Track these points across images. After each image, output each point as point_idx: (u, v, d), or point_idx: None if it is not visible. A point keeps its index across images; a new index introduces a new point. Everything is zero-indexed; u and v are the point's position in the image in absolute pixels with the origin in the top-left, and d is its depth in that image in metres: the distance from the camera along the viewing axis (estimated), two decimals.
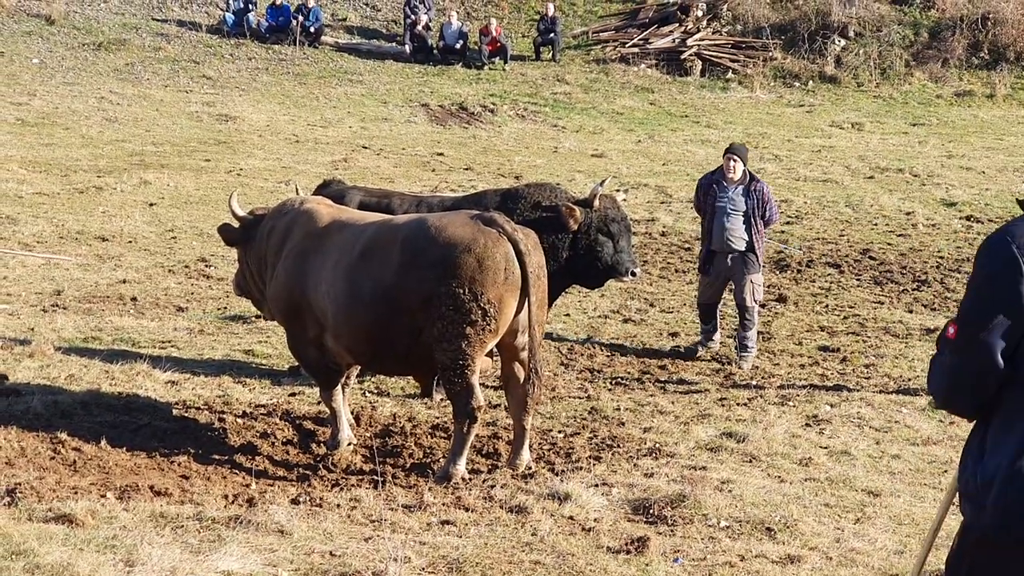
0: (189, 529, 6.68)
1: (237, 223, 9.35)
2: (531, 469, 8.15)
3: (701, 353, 11.50)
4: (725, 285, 11.60)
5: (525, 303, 7.89)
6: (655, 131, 26.07)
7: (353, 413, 9.22)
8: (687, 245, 16.19)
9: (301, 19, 30.56)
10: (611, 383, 10.60)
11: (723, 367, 11.19)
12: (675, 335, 12.19)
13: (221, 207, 15.76)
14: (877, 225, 17.78)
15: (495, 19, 31.25)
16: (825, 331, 12.46)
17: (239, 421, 9.10)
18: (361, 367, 8.92)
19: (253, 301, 9.82)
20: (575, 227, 9.92)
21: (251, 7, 31.07)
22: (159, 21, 31.24)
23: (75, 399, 9.21)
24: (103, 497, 7.24)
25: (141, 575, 5.93)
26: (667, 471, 8.05)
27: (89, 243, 15.41)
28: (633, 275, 10.38)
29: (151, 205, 17.79)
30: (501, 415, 9.31)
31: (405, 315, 7.91)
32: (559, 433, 9.09)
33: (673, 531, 7.00)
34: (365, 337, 8.14)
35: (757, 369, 11.11)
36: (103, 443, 8.30)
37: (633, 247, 10.55)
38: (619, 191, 12.25)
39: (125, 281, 13.67)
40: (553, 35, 30.67)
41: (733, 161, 11.35)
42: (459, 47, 30.45)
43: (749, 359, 11.23)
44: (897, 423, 9.44)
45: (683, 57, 30.48)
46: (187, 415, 9.19)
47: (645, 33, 31.31)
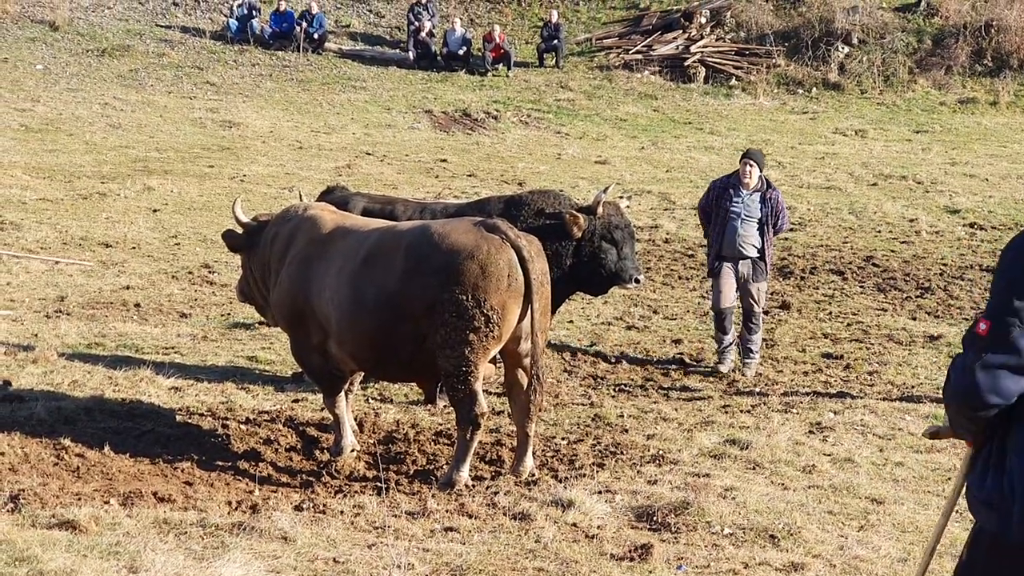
0: (192, 535, 6.68)
1: (241, 229, 9.36)
2: (534, 476, 8.15)
3: (725, 370, 11.12)
4: (737, 289, 11.27)
5: (528, 310, 7.90)
6: (658, 138, 26.07)
7: (357, 419, 9.22)
8: (691, 252, 16.18)
9: (305, 25, 30.58)
10: (615, 390, 10.59)
11: (726, 374, 11.17)
12: (678, 342, 12.19)
13: (225, 213, 15.76)
14: (881, 232, 17.78)
15: (499, 26, 31.27)
16: (829, 338, 12.45)
17: (242, 427, 9.11)
18: (365, 373, 8.91)
19: (256, 307, 9.82)
20: (579, 234, 9.92)
21: (255, 13, 31.10)
22: (163, 27, 31.28)
23: (79, 405, 9.22)
24: (106, 503, 7.25)
25: None
26: (671, 478, 8.05)
27: (93, 249, 15.43)
28: (637, 282, 10.37)
29: (155, 211, 17.81)
30: (504, 422, 9.31)
31: (409, 321, 7.92)
32: (563, 440, 9.09)
33: (677, 538, 7.00)
34: (369, 343, 8.15)
35: (760, 376, 11.09)
36: (106, 449, 8.30)
37: (637, 254, 10.55)
38: (622, 198, 12.22)
39: (129, 287, 13.68)
40: (557, 42, 30.67)
41: (750, 167, 11.09)
42: (463, 53, 30.47)
43: (753, 365, 11.20)
44: (901, 430, 9.42)
45: (687, 64, 30.48)
46: (190, 421, 9.20)
47: (649, 40, 31.31)
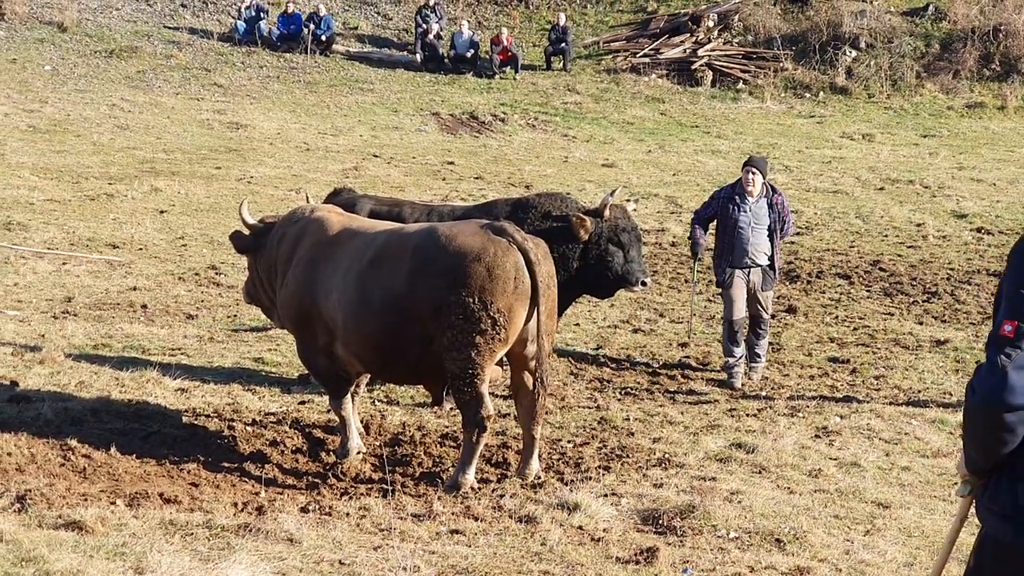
0: (199, 537, 6.69)
1: (247, 231, 9.36)
2: (540, 479, 8.15)
3: (738, 384, 10.84)
4: (748, 298, 11.07)
5: (535, 312, 7.90)
6: (665, 141, 26.06)
7: (363, 422, 9.22)
8: (693, 257, 16.11)
9: (312, 28, 30.61)
10: (620, 393, 10.59)
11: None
12: (685, 346, 12.19)
13: (231, 215, 15.78)
14: (887, 237, 17.76)
15: (506, 28, 31.28)
16: (835, 342, 12.44)
17: (249, 429, 9.11)
18: (371, 376, 8.92)
19: (263, 309, 9.82)
20: (585, 237, 9.92)
21: (263, 15, 31.13)
22: (171, 29, 31.33)
23: (85, 406, 9.24)
24: (113, 504, 7.26)
25: None
26: (676, 481, 8.06)
27: (100, 250, 15.44)
28: (643, 285, 10.38)
29: (162, 212, 17.83)
30: (511, 424, 9.31)
31: (415, 324, 7.92)
32: (568, 443, 9.08)
33: (682, 542, 7.00)
34: (375, 345, 8.15)
35: (766, 380, 11.08)
36: (113, 450, 8.32)
37: (643, 257, 10.55)
38: (629, 201, 12.23)
39: (135, 288, 13.70)
40: (564, 45, 30.66)
41: (753, 174, 10.88)
42: (470, 56, 30.48)
43: (759, 370, 11.18)
44: (907, 435, 9.42)
45: (694, 67, 30.46)
46: (197, 423, 9.21)
47: (656, 43, 31.31)
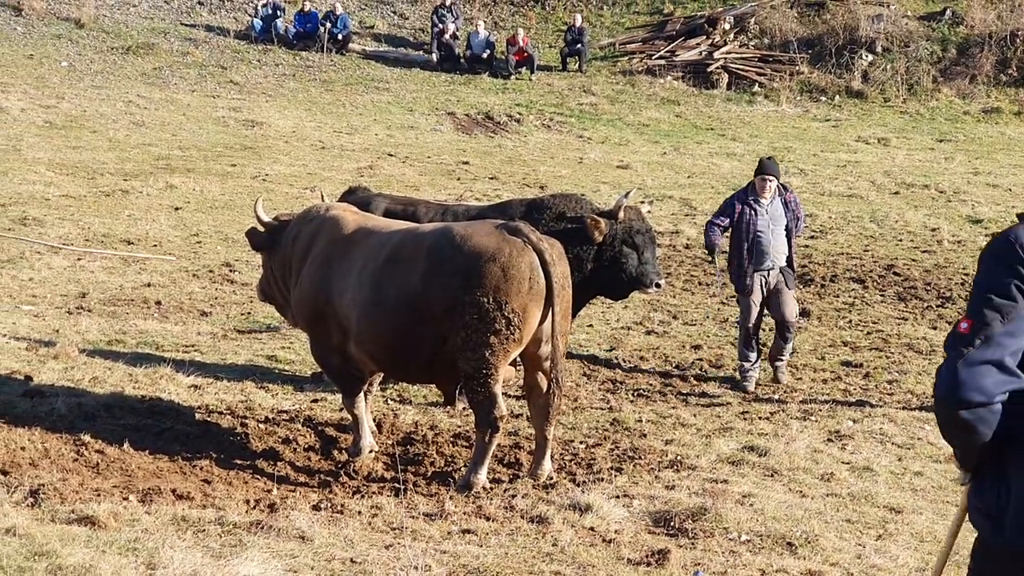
0: (211, 533, 6.70)
1: (262, 228, 9.38)
2: (552, 479, 8.15)
3: (752, 387, 10.83)
4: (772, 302, 11.03)
5: (549, 313, 7.90)
6: (680, 143, 26.04)
7: (375, 420, 9.23)
8: (711, 258, 16.11)
9: (329, 26, 30.67)
10: (633, 395, 10.58)
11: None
12: (698, 348, 12.17)
13: (246, 212, 15.81)
14: (902, 241, 17.71)
15: (522, 29, 31.27)
16: (848, 346, 12.41)
17: (261, 426, 9.13)
18: (384, 374, 8.92)
19: (277, 307, 9.83)
20: (600, 238, 9.92)
21: (279, 13, 31.19)
22: (188, 26, 31.40)
23: (99, 401, 9.26)
24: (125, 500, 7.28)
25: None
26: (688, 484, 8.05)
27: (114, 246, 15.48)
28: (657, 287, 10.37)
29: (177, 209, 17.87)
30: (523, 425, 9.30)
31: (429, 323, 7.92)
32: (581, 444, 9.08)
33: (694, 544, 6.99)
34: (388, 344, 8.15)
35: (780, 383, 11.07)
36: (126, 446, 8.33)
37: (657, 259, 10.54)
38: (644, 203, 12.24)
39: (150, 285, 13.74)
40: (580, 46, 30.66)
41: (769, 181, 10.84)
42: (486, 56, 30.50)
43: (783, 369, 11.14)
44: (920, 440, 9.39)
45: (710, 70, 30.44)
46: (210, 419, 9.22)
47: (672, 45, 31.29)
